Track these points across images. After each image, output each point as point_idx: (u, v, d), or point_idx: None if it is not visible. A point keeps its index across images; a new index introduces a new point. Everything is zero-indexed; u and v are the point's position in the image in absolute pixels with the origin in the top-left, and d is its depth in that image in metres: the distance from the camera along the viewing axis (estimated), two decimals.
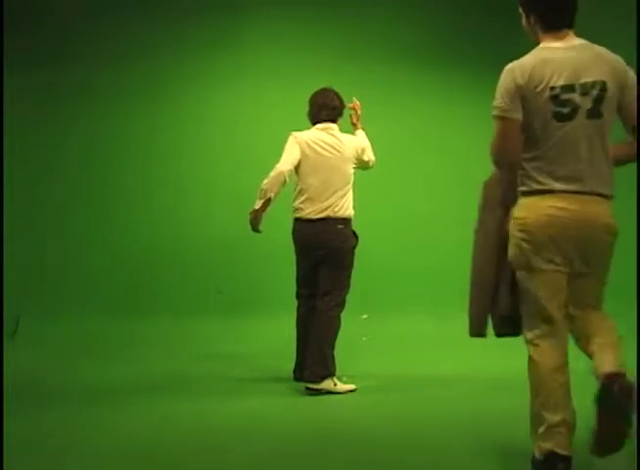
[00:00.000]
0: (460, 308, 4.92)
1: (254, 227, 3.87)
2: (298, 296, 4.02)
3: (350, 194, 3.88)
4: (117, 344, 5.05)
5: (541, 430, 2.37)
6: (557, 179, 2.32)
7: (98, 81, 5.64)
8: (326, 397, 3.67)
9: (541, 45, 2.46)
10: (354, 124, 4.11)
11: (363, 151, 3.95)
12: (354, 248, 3.89)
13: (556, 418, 2.36)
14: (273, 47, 5.80)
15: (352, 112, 4.10)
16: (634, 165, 2.87)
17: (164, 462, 2.74)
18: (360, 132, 4.08)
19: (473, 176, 6.44)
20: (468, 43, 6.10)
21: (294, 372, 3.99)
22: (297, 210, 3.89)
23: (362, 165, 3.99)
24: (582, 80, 2.32)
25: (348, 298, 3.90)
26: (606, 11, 6.23)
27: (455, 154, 5.87)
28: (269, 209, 3.82)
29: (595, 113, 2.33)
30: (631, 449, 2.73)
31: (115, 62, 5.66)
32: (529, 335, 2.43)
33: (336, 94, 3.96)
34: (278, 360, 4.42)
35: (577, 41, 2.45)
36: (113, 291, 5.57)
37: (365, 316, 5.37)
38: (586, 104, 2.32)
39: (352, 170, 3.91)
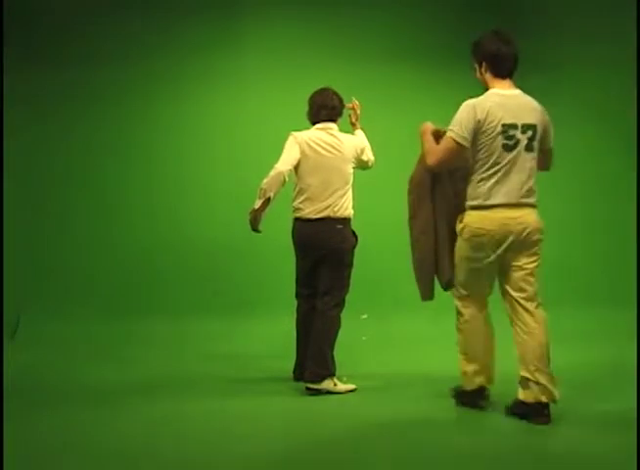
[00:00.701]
0: None
1: (254, 227, 3.87)
2: (298, 296, 4.02)
3: (350, 194, 3.88)
4: (118, 344, 5.05)
5: (474, 367, 3.33)
6: (503, 195, 3.12)
7: (98, 81, 5.64)
8: (326, 397, 3.67)
9: (492, 91, 3.21)
10: (353, 124, 4.11)
11: (362, 151, 3.95)
12: (354, 248, 3.89)
13: (485, 360, 3.35)
14: (273, 47, 5.80)
15: (351, 111, 4.10)
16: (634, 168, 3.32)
17: (165, 462, 2.74)
18: (359, 132, 4.08)
19: None
20: (468, 43, 6.09)
21: (294, 372, 3.99)
22: (296, 209, 3.89)
23: (361, 165, 3.99)
24: (522, 122, 3.13)
25: (348, 298, 3.90)
26: (606, 9, 6.24)
27: None
28: (269, 208, 3.82)
29: (529, 147, 3.16)
30: (631, 448, 2.74)
31: (115, 62, 5.66)
32: (462, 308, 3.35)
33: (335, 94, 3.96)
34: (278, 360, 4.42)
35: (517, 91, 3.25)
36: (113, 291, 5.57)
37: (365, 316, 5.37)
38: (524, 140, 3.13)
39: (352, 170, 3.91)
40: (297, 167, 3.84)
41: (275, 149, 3.92)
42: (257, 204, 3.78)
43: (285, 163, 3.78)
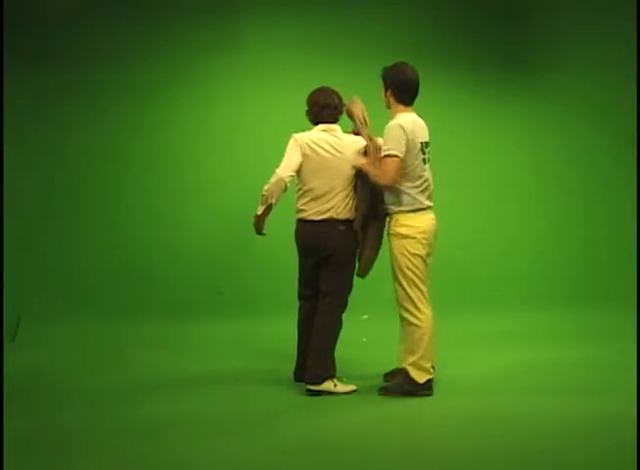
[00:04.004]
0: (460, 309, 4.95)
1: (258, 231, 3.87)
2: (300, 296, 4.02)
3: (352, 195, 3.88)
4: (118, 345, 5.04)
5: (431, 362, 3.73)
6: (426, 199, 3.75)
7: (98, 82, 5.63)
8: (326, 397, 3.67)
9: (403, 113, 3.73)
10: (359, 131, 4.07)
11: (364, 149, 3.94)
12: (356, 249, 3.89)
13: (431, 362, 3.75)
14: (274, 48, 5.80)
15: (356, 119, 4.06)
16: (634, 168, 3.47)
17: (165, 463, 2.74)
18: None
19: (471, 176, 6.49)
20: (468, 43, 6.10)
21: (294, 373, 3.99)
22: (299, 210, 3.88)
23: None
24: (424, 140, 3.74)
25: (349, 298, 3.90)
26: (606, 10, 6.24)
27: (454, 154, 5.88)
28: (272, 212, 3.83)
29: (428, 160, 3.78)
30: (631, 448, 2.74)
31: (116, 62, 5.65)
32: (420, 306, 3.70)
33: (334, 92, 3.95)
34: (278, 361, 4.42)
35: (415, 114, 3.78)
36: (113, 292, 5.56)
37: (365, 317, 5.36)
38: (426, 155, 3.76)
39: (354, 171, 3.90)
40: (299, 169, 3.83)
41: (275, 149, 3.91)
42: (260, 210, 3.77)
43: (286, 168, 3.76)
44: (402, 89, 3.74)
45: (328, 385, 3.71)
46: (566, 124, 6.28)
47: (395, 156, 3.59)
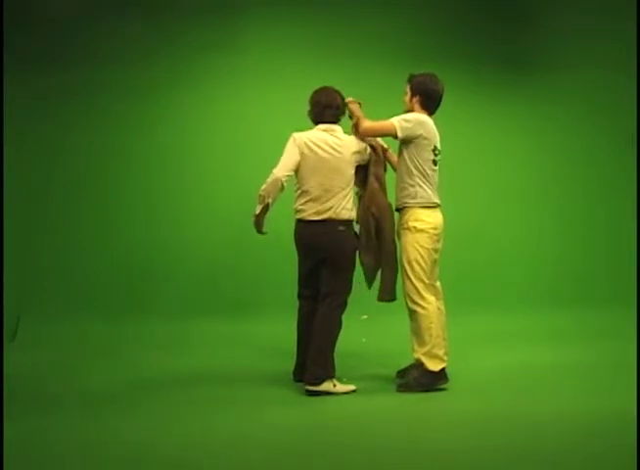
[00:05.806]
0: (460, 309, 4.94)
1: (258, 230, 3.87)
2: (300, 297, 4.01)
3: (352, 195, 3.88)
4: (118, 345, 5.05)
5: (444, 349, 3.84)
6: (436, 197, 3.93)
7: (98, 82, 5.64)
8: (326, 398, 3.67)
9: (423, 115, 3.92)
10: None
11: (366, 149, 3.94)
12: (356, 249, 3.89)
13: (443, 348, 3.87)
14: (274, 48, 5.80)
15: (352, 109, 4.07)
16: (634, 168, 3.56)
17: (165, 464, 2.74)
18: None
19: (471, 176, 6.47)
20: (468, 43, 6.10)
21: (293, 373, 3.99)
22: (298, 211, 3.87)
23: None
24: (437, 145, 3.93)
25: (349, 299, 3.90)
26: (606, 10, 6.24)
27: (454, 154, 5.87)
28: (271, 211, 3.82)
29: (436, 162, 3.95)
30: (631, 448, 2.74)
31: (116, 62, 5.66)
32: (425, 295, 3.80)
33: (336, 92, 3.95)
34: (278, 361, 4.42)
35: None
36: (113, 292, 5.57)
37: (365, 317, 5.37)
38: (437, 157, 3.94)
39: (353, 171, 3.90)
40: (297, 169, 3.82)
41: (275, 149, 3.91)
42: (257, 209, 3.77)
43: (283, 168, 3.75)
44: (431, 98, 3.95)
45: (327, 385, 3.71)
46: (566, 124, 6.28)
47: (393, 124, 3.81)
